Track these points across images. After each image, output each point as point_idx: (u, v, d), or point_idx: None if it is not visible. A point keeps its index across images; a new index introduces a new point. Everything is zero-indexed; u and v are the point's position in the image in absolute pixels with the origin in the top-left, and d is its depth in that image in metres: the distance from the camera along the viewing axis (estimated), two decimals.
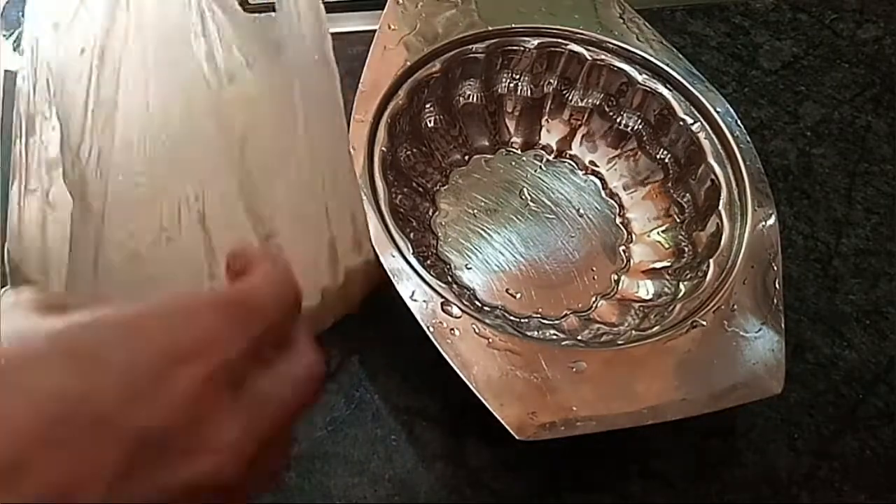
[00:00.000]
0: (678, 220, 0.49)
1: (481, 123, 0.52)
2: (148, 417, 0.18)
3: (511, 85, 0.52)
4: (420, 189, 0.49)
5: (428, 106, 0.50)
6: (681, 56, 0.52)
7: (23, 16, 0.58)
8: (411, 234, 0.44)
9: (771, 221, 0.45)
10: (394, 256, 0.41)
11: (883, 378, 0.47)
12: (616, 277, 0.48)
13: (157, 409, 0.19)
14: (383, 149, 0.45)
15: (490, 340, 0.39)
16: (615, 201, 0.51)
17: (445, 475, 0.42)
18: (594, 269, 0.48)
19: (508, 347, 0.39)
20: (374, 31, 0.50)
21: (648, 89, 0.50)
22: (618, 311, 0.46)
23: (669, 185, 0.50)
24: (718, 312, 0.42)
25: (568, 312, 0.46)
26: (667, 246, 0.49)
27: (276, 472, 0.24)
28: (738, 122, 0.49)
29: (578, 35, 0.52)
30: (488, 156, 0.52)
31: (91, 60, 0.32)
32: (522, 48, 0.51)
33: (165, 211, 0.33)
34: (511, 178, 0.51)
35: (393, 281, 0.41)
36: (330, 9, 0.60)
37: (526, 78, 0.52)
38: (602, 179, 0.52)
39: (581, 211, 0.50)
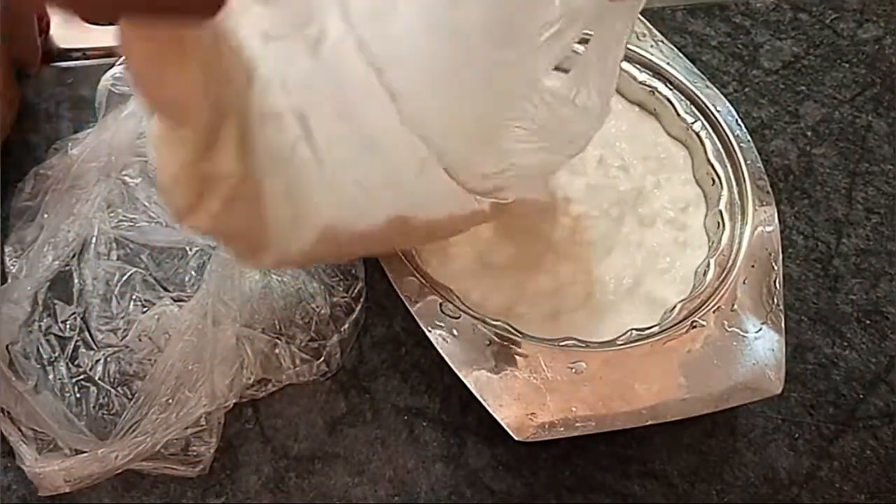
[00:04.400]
0: None
1: None
2: None
3: None
4: None
5: None
6: (681, 55, 0.52)
7: None
8: None
9: (772, 221, 0.45)
10: (394, 257, 0.41)
11: (883, 378, 0.47)
12: None
13: None
14: None
15: (489, 341, 0.39)
16: None
17: (445, 475, 0.42)
18: None
19: (508, 348, 0.39)
20: None
21: (649, 88, 0.50)
22: None
23: None
24: (718, 312, 0.41)
25: None
26: None
27: None
28: (739, 121, 0.49)
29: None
30: None
31: None
32: None
33: None
34: None
35: (393, 281, 0.41)
36: None
37: None
38: None
39: None
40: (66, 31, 0.57)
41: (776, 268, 0.43)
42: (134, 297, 0.45)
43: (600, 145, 0.49)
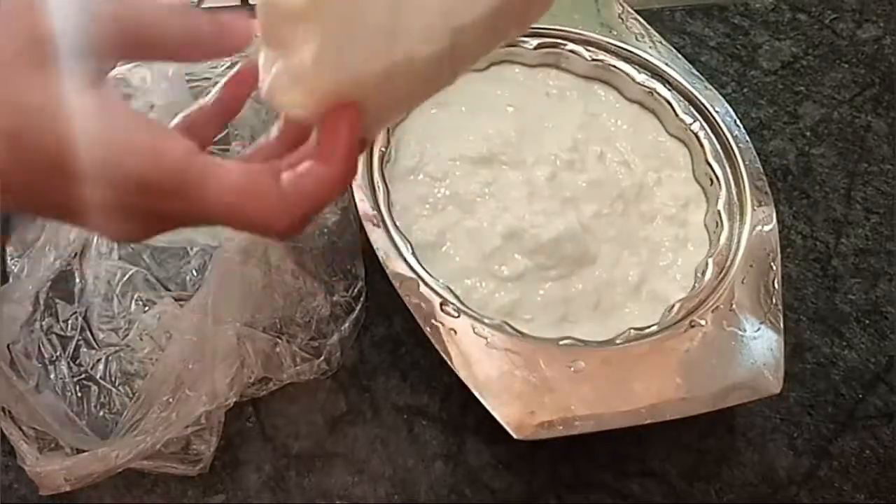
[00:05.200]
0: None
1: None
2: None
3: None
4: None
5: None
6: (680, 56, 0.52)
7: None
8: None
9: (770, 221, 0.45)
10: (394, 256, 0.41)
11: (883, 378, 0.47)
12: None
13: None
14: (382, 149, 0.45)
15: (489, 340, 0.39)
16: None
17: (445, 475, 0.42)
18: None
19: (507, 347, 0.39)
20: None
21: (648, 89, 0.51)
22: None
23: None
24: (717, 312, 0.42)
25: None
26: None
27: None
28: (738, 121, 0.49)
29: (578, 35, 0.52)
30: None
31: None
32: (521, 48, 0.51)
33: None
34: None
35: (393, 281, 0.41)
36: None
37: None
38: None
39: None
40: None
41: (775, 268, 0.43)
42: (135, 296, 0.45)
43: (600, 141, 0.49)
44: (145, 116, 0.24)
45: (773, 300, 0.42)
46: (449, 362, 0.38)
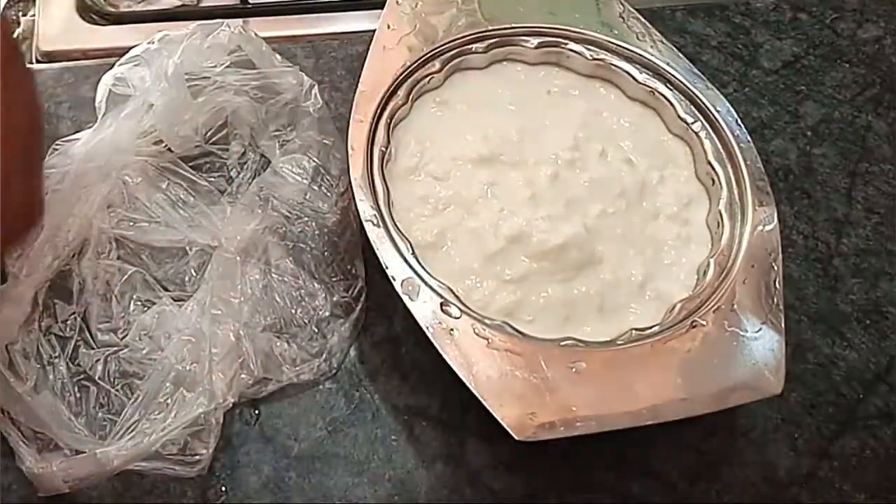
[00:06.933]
0: None
1: None
2: None
3: None
4: None
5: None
6: (681, 55, 0.52)
7: (23, 15, 0.59)
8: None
9: (772, 221, 0.45)
10: (394, 256, 0.41)
11: (883, 378, 0.47)
12: None
13: None
14: (382, 149, 0.45)
15: (489, 341, 0.39)
16: None
17: (445, 475, 0.42)
18: None
19: (508, 347, 0.39)
20: (374, 30, 0.50)
21: (649, 89, 0.50)
22: None
23: None
24: (718, 312, 0.42)
25: None
26: None
27: None
28: (739, 121, 0.49)
29: (579, 34, 0.52)
30: None
31: None
32: (522, 47, 0.51)
33: None
34: None
35: (393, 281, 0.41)
36: (330, 8, 0.61)
37: None
38: None
39: None
40: (66, 31, 0.57)
41: (776, 268, 0.43)
42: (134, 296, 0.45)
43: (602, 140, 0.49)
44: None
45: (775, 300, 0.42)
46: (449, 363, 0.38)
